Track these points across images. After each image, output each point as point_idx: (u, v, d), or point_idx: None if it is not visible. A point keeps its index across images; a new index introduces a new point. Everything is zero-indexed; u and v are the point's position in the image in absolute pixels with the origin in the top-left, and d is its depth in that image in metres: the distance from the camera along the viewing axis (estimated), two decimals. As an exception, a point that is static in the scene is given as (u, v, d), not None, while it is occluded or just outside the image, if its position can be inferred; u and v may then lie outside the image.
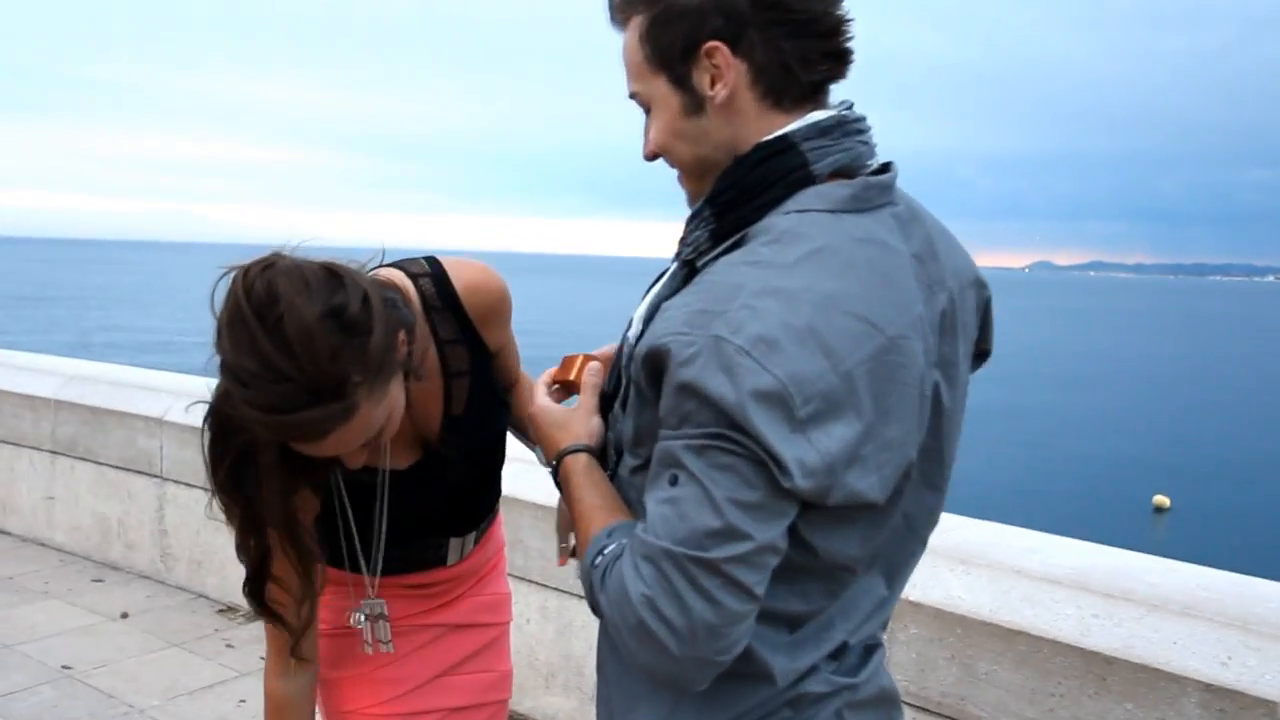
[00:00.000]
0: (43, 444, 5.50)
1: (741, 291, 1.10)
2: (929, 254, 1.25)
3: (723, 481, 1.07)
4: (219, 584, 4.80)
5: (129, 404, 5.16)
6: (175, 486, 4.95)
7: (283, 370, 1.29)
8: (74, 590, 4.91)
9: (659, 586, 1.09)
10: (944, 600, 2.62)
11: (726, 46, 1.19)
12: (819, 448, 1.07)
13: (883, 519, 1.20)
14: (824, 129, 1.21)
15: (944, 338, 1.24)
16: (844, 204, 1.19)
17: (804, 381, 1.06)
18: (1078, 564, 2.64)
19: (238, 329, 1.30)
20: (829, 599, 1.22)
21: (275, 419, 1.31)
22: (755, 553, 1.08)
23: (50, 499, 5.49)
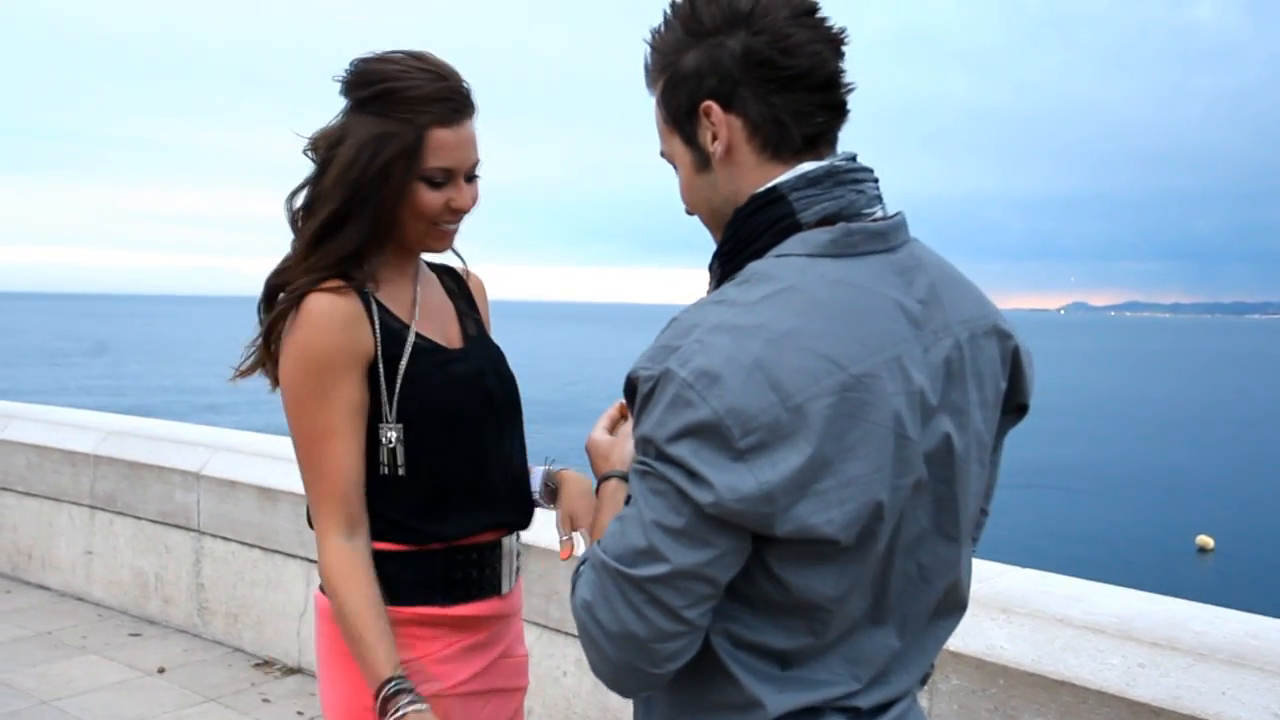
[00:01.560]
0: (82, 499, 5.55)
1: (697, 328, 1.16)
2: (932, 300, 1.26)
3: (655, 505, 1.14)
4: (255, 638, 4.80)
5: (166, 458, 5.21)
6: (212, 540, 4.98)
7: (425, 67, 1.72)
8: (111, 645, 4.93)
9: (598, 594, 1.18)
10: (986, 650, 2.58)
11: (718, 105, 1.26)
12: (758, 476, 1.10)
13: (859, 559, 1.20)
14: (813, 179, 1.25)
15: (951, 384, 1.25)
16: (822, 248, 1.22)
17: (744, 414, 1.10)
18: (1122, 612, 2.60)
19: (377, 64, 1.72)
20: (812, 636, 1.22)
21: (435, 86, 1.70)
22: (675, 576, 1.14)
23: (89, 554, 5.54)
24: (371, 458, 1.75)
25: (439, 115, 1.71)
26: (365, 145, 1.69)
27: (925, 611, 1.32)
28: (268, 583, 4.75)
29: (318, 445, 1.71)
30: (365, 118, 1.71)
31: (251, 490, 4.77)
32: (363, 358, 1.72)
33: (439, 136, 1.71)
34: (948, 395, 1.25)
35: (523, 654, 1.99)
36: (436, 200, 1.74)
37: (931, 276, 1.28)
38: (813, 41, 1.24)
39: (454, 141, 1.73)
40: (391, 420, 1.74)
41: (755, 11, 1.23)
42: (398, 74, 1.70)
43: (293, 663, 4.65)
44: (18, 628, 5.11)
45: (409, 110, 1.69)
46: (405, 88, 1.69)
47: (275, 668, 4.64)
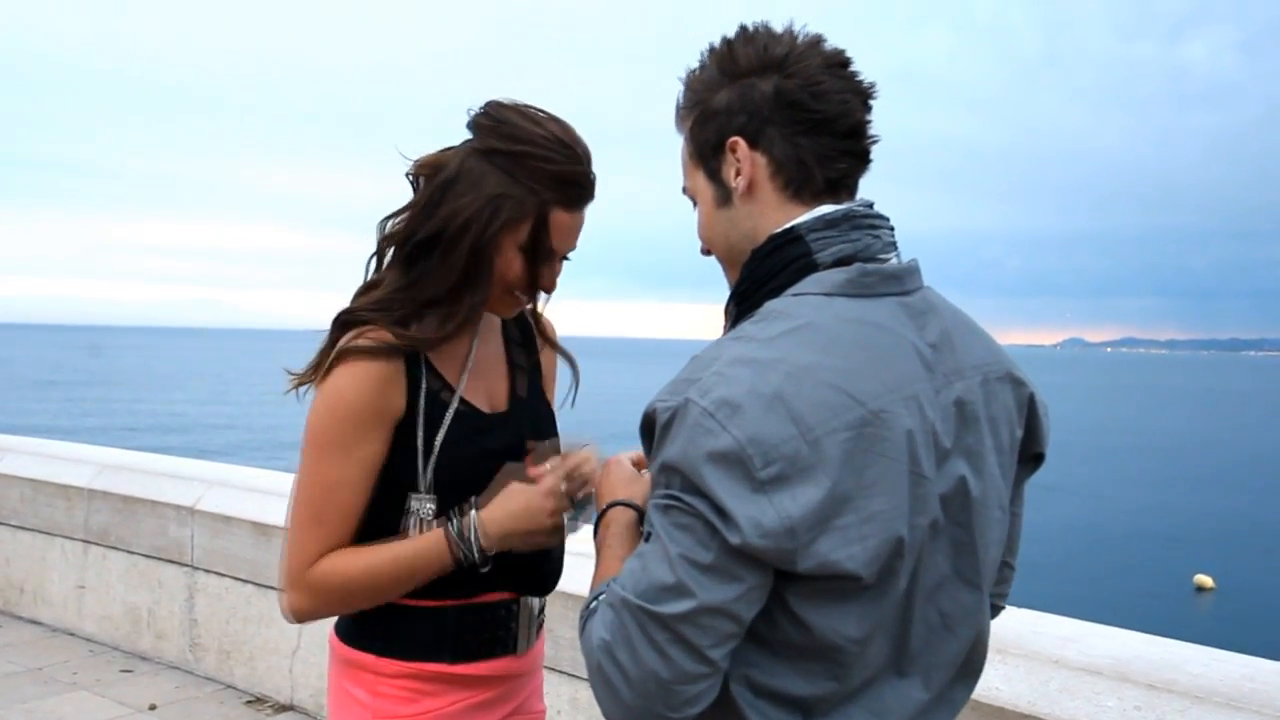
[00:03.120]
0: (75, 533, 5.53)
1: (717, 360, 1.17)
2: (945, 344, 1.29)
3: (680, 540, 1.12)
4: (247, 674, 4.77)
5: (161, 493, 5.19)
6: (205, 575, 4.95)
7: (564, 140, 1.69)
8: (102, 681, 4.89)
9: (617, 634, 1.15)
10: (982, 691, 2.57)
11: (745, 141, 1.30)
12: (779, 509, 1.10)
13: (880, 599, 1.20)
14: (830, 221, 1.28)
15: (965, 427, 1.27)
16: (839, 288, 1.25)
17: (765, 444, 1.11)
18: (1118, 653, 2.59)
19: (519, 118, 1.69)
20: (833, 682, 1.21)
21: (570, 169, 1.67)
22: (702, 612, 1.12)
23: (81, 588, 5.51)
24: (385, 515, 1.71)
25: (565, 198, 1.69)
26: (488, 203, 1.66)
27: (951, 663, 1.31)
28: (261, 619, 4.72)
29: (327, 494, 1.67)
30: (491, 170, 1.67)
31: (246, 525, 4.76)
32: (392, 416, 1.69)
33: (559, 219, 1.69)
34: (961, 439, 1.26)
35: (539, 710, 1.95)
36: (527, 275, 1.72)
37: (945, 322, 1.31)
38: (843, 91, 1.29)
39: (569, 226, 1.71)
40: (426, 491, 1.71)
41: (790, 57, 1.29)
42: (540, 141, 1.67)
43: (285, 700, 4.62)
44: (8, 663, 5.07)
45: (539, 183, 1.67)
46: (543, 159, 1.66)
47: (267, 705, 4.61)
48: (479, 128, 1.71)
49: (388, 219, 1.75)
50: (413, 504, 1.71)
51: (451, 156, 1.71)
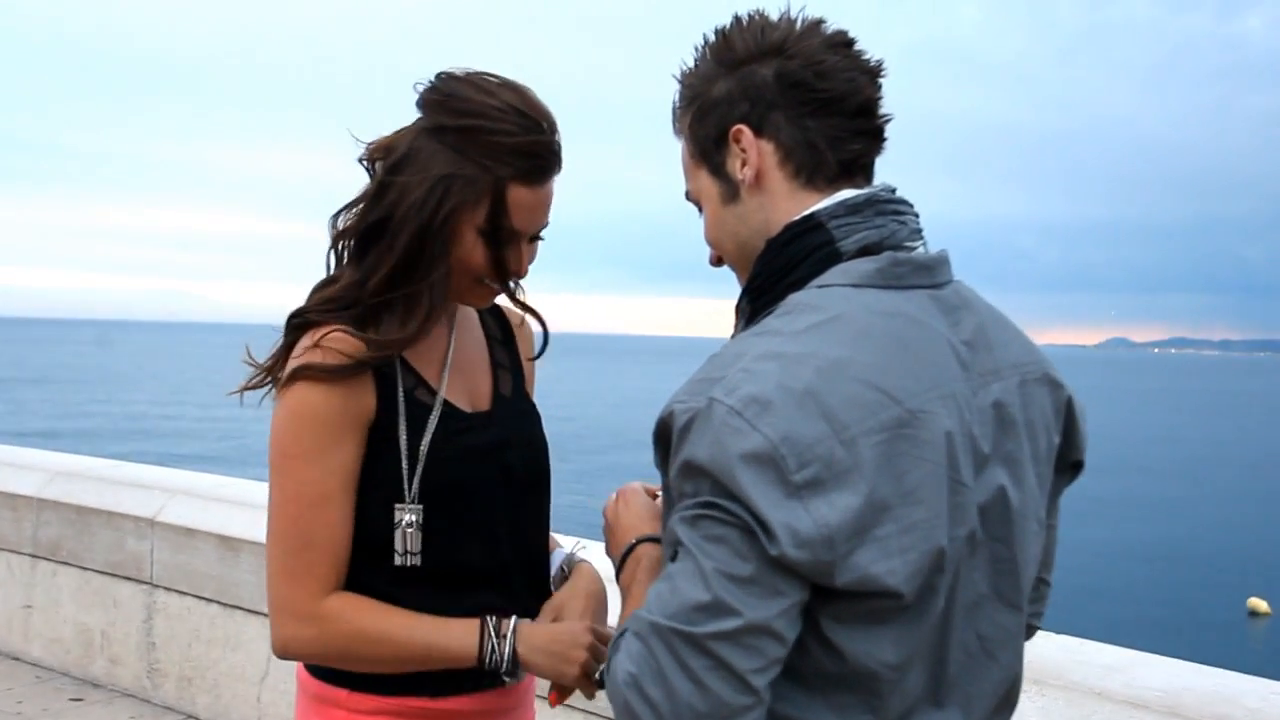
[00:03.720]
0: (22, 547, 5.53)
1: (742, 357, 1.17)
2: (980, 343, 1.30)
3: (714, 553, 1.09)
4: (211, 703, 4.77)
5: (117, 503, 5.19)
6: (166, 594, 4.95)
7: (520, 108, 1.65)
8: (50, 711, 4.88)
9: (645, 665, 1.11)
10: (1016, 727, 2.56)
11: (749, 129, 1.31)
12: (815, 516, 1.09)
13: (920, 619, 1.20)
14: (853, 207, 1.29)
15: (1004, 432, 1.27)
16: (868, 278, 1.25)
17: (799, 443, 1.10)
18: (1167, 685, 2.58)
19: (469, 89, 1.66)
20: (868, 715, 1.20)
21: (527, 139, 1.64)
22: (745, 632, 1.09)
23: (28, 608, 5.50)
24: (369, 528, 1.71)
25: (524, 172, 1.65)
26: (436, 184, 1.64)
27: (993, 692, 1.32)
28: (226, 642, 4.72)
29: (309, 511, 1.66)
30: (440, 149, 1.65)
31: (211, 539, 4.75)
32: (364, 419, 1.69)
33: (517, 195, 1.66)
34: (1001, 445, 1.27)
35: None
36: (492, 260, 1.70)
37: (979, 318, 1.32)
38: (848, 69, 1.31)
39: (531, 203, 1.68)
40: (411, 501, 1.71)
41: (788, 40, 1.31)
42: (491, 112, 1.64)
43: (251, 731, 4.62)
44: (-52, 689, 5.08)
45: (492, 158, 1.64)
46: (494, 130, 1.63)
47: (232, 736, 4.61)
48: (427, 104, 1.69)
49: (339, 214, 1.74)
50: (398, 515, 1.71)
51: (401, 137, 1.70)
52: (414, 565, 1.71)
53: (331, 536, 1.67)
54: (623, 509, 1.50)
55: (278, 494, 1.68)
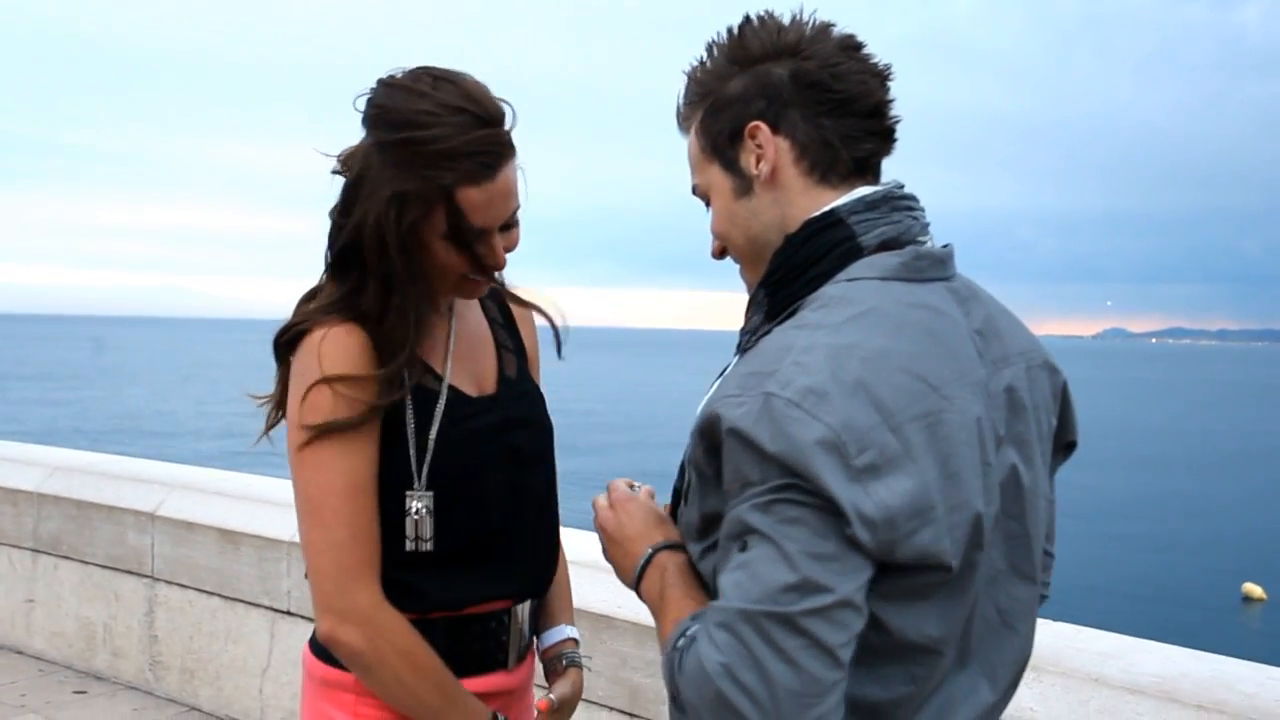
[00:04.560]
0: (24, 541, 5.54)
1: (790, 351, 1.21)
2: (990, 332, 1.37)
3: (793, 535, 1.13)
4: (213, 695, 4.78)
5: (118, 497, 5.20)
6: (167, 588, 4.96)
7: (456, 105, 1.62)
8: (53, 703, 4.90)
9: (736, 653, 1.13)
10: (1014, 712, 2.57)
11: (766, 125, 1.36)
12: (875, 499, 1.14)
13: (960, 593, 1.26)
14: (871, 203, 1.35)
15: (1014, 415, 1.33)
16: (894, 272, 1.31)
17: (856, 430, 1.15)
18: (1163, 671, 2.60)
19: (402, 97, 1.63)
20: (911, 684, 1.26)
21: (465, 138, 1.61)
22: (836, 607, 1.12)
23: (30, 602, 5.52)
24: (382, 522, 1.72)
25: (468, 173, 1.63)
26: (387, 205, 1.63)
27: (1012, 662, 1.38)
28: (228, 635, 4.73)
29: (351, 502, 1.67)
30: (385, 165, 1.64)
31: (211, 533, 4.76)
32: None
33: (468, 196, 1.64)
34: (1012, 427, 1.33)
35: None
36: (468, 260, 1.70)
37: (987, 307, 1.39)
38: (860, 71, 1.36)
39: (484, 200, 1.66)
40: (421, 488, 1.72)
41: (803, 41, 1.36)
42: (424, 119, 1.61)
43: (254, 723, 4.63)
44: (-49, 684, 5.09)
45: (434, 167, 1.62)
46: (430, 139, 1.61)
47: (234, 729, 4.62)
48: (367, 119, 1.68)
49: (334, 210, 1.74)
50: (409, 502, 1.72)
51: (359, 150, 1.69)
52: (426, 551, 1.74)
53: (371, 525, 1.69)
54: (625, 519, 1.49)
55: (314, 489, 1.67)
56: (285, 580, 4.48)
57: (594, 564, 3.54)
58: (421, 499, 1.72)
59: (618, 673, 3.42)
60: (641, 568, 1.42)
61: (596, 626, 3.45)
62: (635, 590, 1.44)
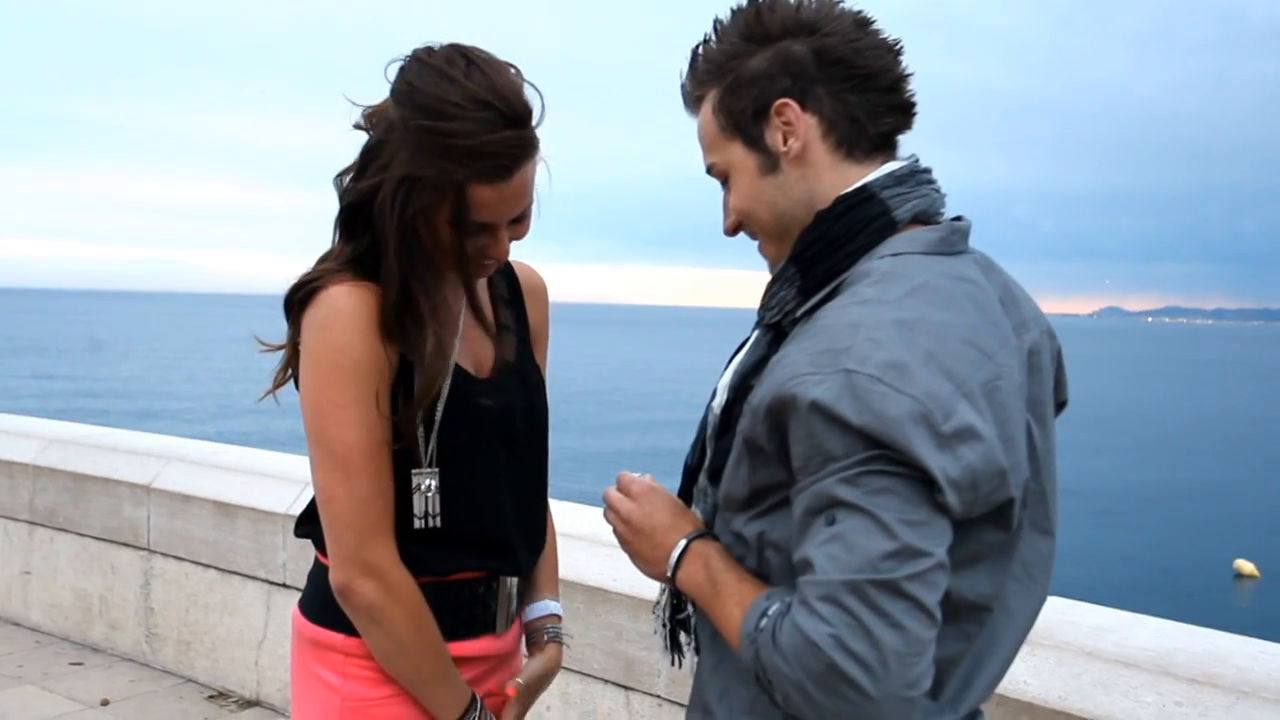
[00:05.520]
0: (19, 514, 5.54)
1: (860, 328, 1.24)
2: (1009, 299, 1.43)
3: (886, 504, 1.18)
4: (209, 667, 4.80)
5: (114, 469, 5.20)
6: (163, 560, 4.97)
7: (484, 99, 1.60)
8: (50, 675, 4.91)
9: (844, 623, 1.16)
10: (1008, 686, 2.58)
11: (796, 103, 1.39)
12: (963, 464, 1.20)
13: (1010, 551, 1.34)
14: (900, 178, 1.40)
15: (1033, 378, 1.40)
16: (934, 246, 1.37)
17: (940, 400, 1.20)
18: (1157, 645, 2.61)
19: (433, 80, 1.61)
20: (964, 641, 1.34)
21: (488, 138, 1.59)
22: (933, 570, 1.19)
23: (26, 574, 5.52)
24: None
25: (483, 172, 1.62)
26: (399, 186, 1.63)
27: (1032, 612, 1.46)
28: (224, 607, 4.74)
29: (374, 460, 1.67)
30: (403, 144, 1.63)
31: (207, 505, 4.77)
32: (388, 376, 1.70)
33: (479, 194, 1.64)
34: (1031, 389, 1.39)
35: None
36: (468, 248, 1.70)
37: (1002, 276, 1.46)
38: (877, 47, 1.40)
39: (495, 199, 1.65)
40: (429, 465, 1.73)
41: (820, 19, 1.40)
42: (450, 110, 1.60)
43: (250, 694, 4.64)
44: (-53, 655, 5.10)
45: (450, 160, 1.61)
46: (451, 132, 1.59)
47: (231, 700, 4.63)
48: (396, 94, 1.67)
49: (341, 175, 1.74)
50: (416, 479, 1.73)
51: (383, 112, 1.69)
52: (433, 527, 1.75)
53: (390, 483, 1.70)
54: (652, 510, 1.50)
55: (337, 447, 1.67)
56: (281, 553, 4.49)
57: (590, 537, 3.56)
58: (429, 475, 1.73)
59: (613, 645, 3.43)
60: (679, 557, 1.44)
61: (592, 599, 3.46)
62: (668, 579, 1.47)
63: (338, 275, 1.69)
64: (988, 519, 1.27)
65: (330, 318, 1.67)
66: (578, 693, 3.55)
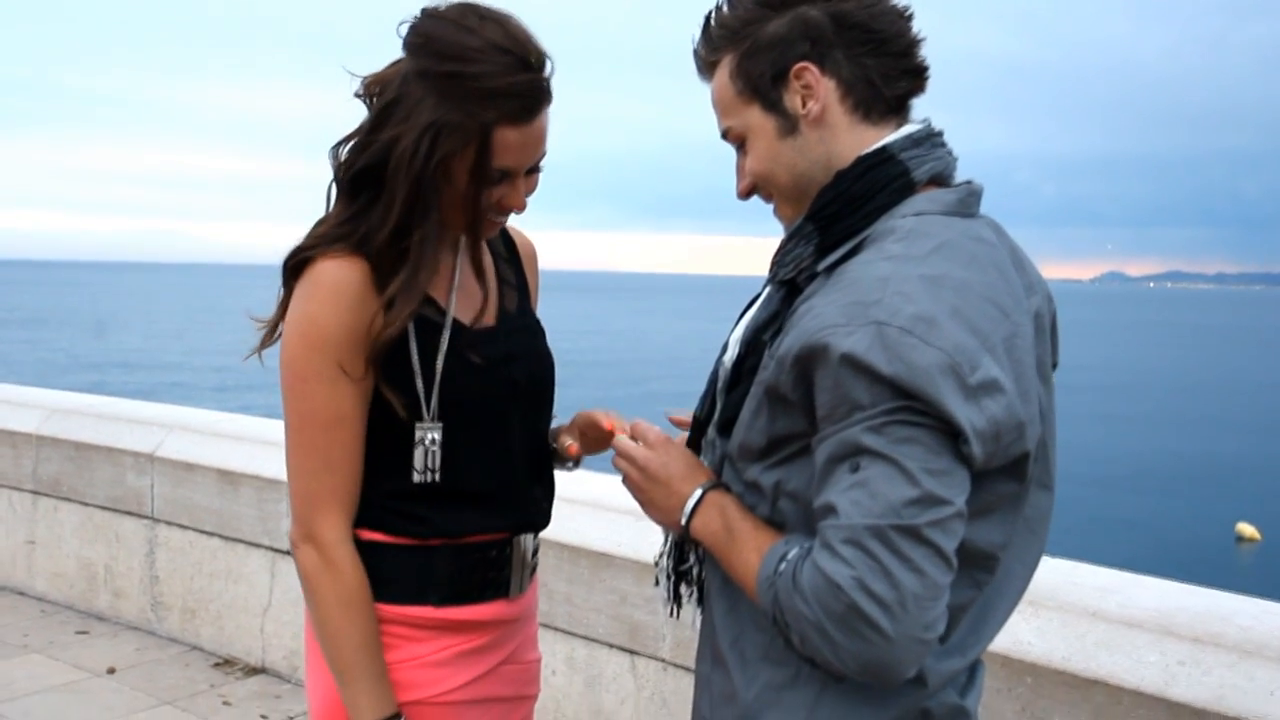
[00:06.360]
0: (23, 484, 5.56)
1: (889, 281, 1.28)
2: (1017, 262, 1.46)
3: (911, 453, 1.22)
4: (215, 635, 4.82)
5: (117, 439, 5.21)
6: (167, 529, 4.99)
7: (503, 45, 1.64)
8: (56, 644, 4.94)
9: (866, 565, 1.21)
10: (1012, 647, 2.60)
11: (815, 66, 1.42)
12: (987, 415, 1.25)
13: (1018, 504, 1.39)
14: (917, 140, 1.44)
15: (1039, 339, 1.43)
16: (953, 207, 1.41)
17: (967, 352, 1.24)
18: (1160, 605, 2.62)
19: (449, 29, 1.64)
20: (974, 589, 1.39)
21: (510, 79, 1.63)
22: (953, 518, 1.24)
23: (31, 543, 5.54)
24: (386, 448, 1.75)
25: (508, 113, 1.65)
26: (424, 133, 1.64)
27: (1032, 563, 1.51)
28: (228, 574, 4.76)
29: (327, 433, 1.70)
30: (426, 94, 1.65)
31: (211, 473, 4.78)
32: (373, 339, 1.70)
33: (504, 136, 1.66)
34: (1038, 349, 1.43)
35: (533, 659, 1.99)
36: (487, 197, 1.71)
37: (1009, 241, 1.50)
38: (890, 12, 1.44)
39: (519, 142, 1.68)
40: (430, 419, 1.75)
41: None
42: (472, 54, 1.63)
43: (255, 662, 4.67)
44: (-46, 624, 5.12)
45: (476, 103, 1.63)
46: (477, 75, 1.63)
47: (236, 667, 4.66)
48: (410, 47, 1.69)
49: (339, 145, 1.75)
50: (419, 433, 1.75)
51: (393, 74, 1.70)
52: (434, 482, 1.76)
53: (348, 457, 1.72)
54: (669, 460, 1.54)
55: (294, 417, 1.72)
56: (285, 520, 4.50)
57: (593, 502, 3.57)
58: (431, 429, 1.75)
59: (618, 610, 3.45)
60: (695, 506, 1.49)
61: (596, 565, 3.47)
62: (681, 527, 1.50)
63: (331, 248, 1.71)
64: (1003, 470, 1.32)
65: (309, 291, 1.70)
66: (583, 657, 3.56)
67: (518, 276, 1.97)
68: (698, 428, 1.58)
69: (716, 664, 1.52)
